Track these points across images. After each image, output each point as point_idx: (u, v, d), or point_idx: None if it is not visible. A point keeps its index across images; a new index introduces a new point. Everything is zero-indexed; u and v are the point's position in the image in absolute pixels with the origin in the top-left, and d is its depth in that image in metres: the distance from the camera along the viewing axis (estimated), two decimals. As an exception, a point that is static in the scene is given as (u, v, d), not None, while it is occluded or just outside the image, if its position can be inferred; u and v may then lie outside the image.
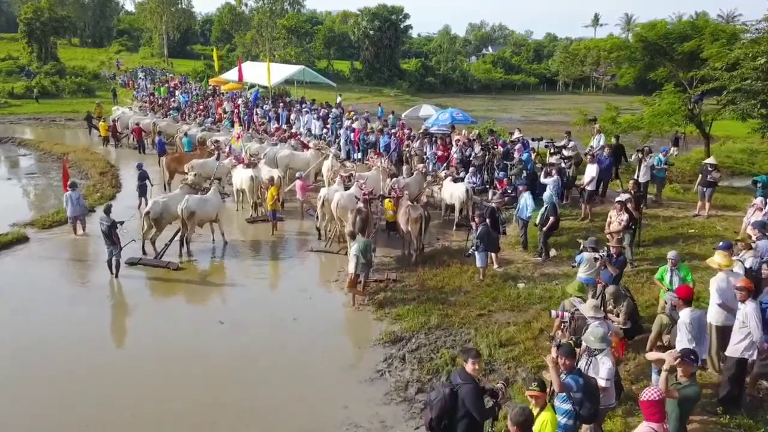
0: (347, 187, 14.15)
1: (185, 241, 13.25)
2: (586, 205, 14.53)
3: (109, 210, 12.17)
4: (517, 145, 16.85)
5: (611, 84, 67.51)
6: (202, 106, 30.67)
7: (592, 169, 14.26)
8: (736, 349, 6.79)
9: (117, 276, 11.94)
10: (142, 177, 16.47)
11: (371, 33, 65.62)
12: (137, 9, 79.08)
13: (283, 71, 34.23)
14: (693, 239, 12.88)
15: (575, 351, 5.81)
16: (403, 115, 26.96)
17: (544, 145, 17.36)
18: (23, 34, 53.72)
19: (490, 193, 15.90)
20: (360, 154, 20.69)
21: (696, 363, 5.45)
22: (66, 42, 73.35)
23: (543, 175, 14.30)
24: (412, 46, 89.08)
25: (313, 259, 13.46)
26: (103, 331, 10.25)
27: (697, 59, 19.22)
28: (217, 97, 34.82)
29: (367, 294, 11.14)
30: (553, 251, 12.66)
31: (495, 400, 5.47)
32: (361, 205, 12.35)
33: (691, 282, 8.17)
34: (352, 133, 21.54)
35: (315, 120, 25.13)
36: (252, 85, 34.92)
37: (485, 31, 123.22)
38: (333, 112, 26.12)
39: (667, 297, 7.09)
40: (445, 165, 17.58)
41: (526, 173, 15.30)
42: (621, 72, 25.23)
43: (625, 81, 24.03)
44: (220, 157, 17.89)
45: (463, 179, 15.70)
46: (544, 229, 12.16)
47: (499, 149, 17.21)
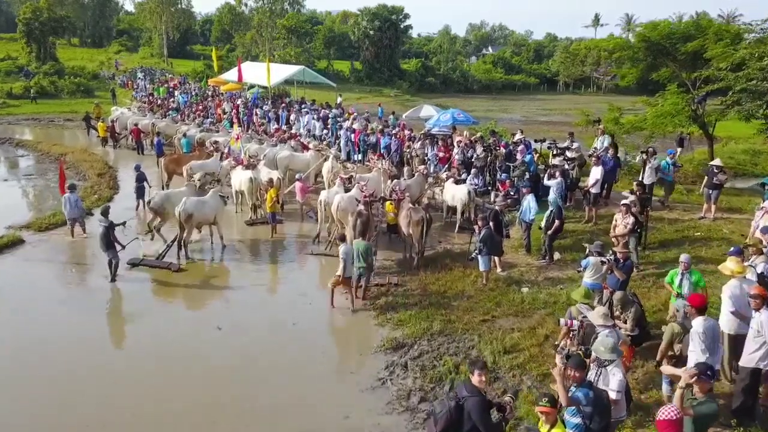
0: (347, 189, 13.95)
1: (183, 244, 13.05)
2: (591, 208, 14.33)
3: (106, 212, 12.01)
4: (519, 147, 16.63)
5: (612, 84, 67.37)
6: (201, 107, 30.48)
7: (596, 172, 14.04)
8: (750, 359, 6.58)
9: (114, 280, 11.78)
10: (140, 178, 16.33)
11: (371, 33, 65.47)
12: (137, 9, 78.94)
13: (282, 71, 34.05)
14: (699, 242, 12.67)
15: (585, 362, 5.60)
16: (403, 115, 26.70)
17: (547, 146, 17.11)
18: (22, 34, 53.61)
19: (492, 194, 15.71)
20: (361, 155, 20.48)
21: (713, 379, 5.24)
22: (65, 42, 73.21)
23: (546, 177, 14.11)
24: (412, 46, 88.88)
25: (313, 262, 13.23)
26: (103, 331, 10.25)
27: (700, 59, 18.96)
28: (217, 97, 34.62)
29: (369, 298, 10.96)
30: (557, 254, 12.46)
31: (502, 414, 5.25)
32: (361, 207, 12.16)
33: (702, 287, 7.95)
34: (353, 134, 21.34)
35: (315, 121, 24.93)
36: (251, 86, 34.72)
37: (485, 31, 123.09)
38: (332, 112, 25.87)
39: (678, 304, 6.87)
40: (446, 166, 17.39)
41: (528, 175, 15.09)
42: (623, 72, 24.96)
43: (627, 81, 23.73)
44: (222, 157, 17.70)
45: (464, 181, 15.53)
46: (549, 232, 11.95)
47: (501, 150, 16.99)
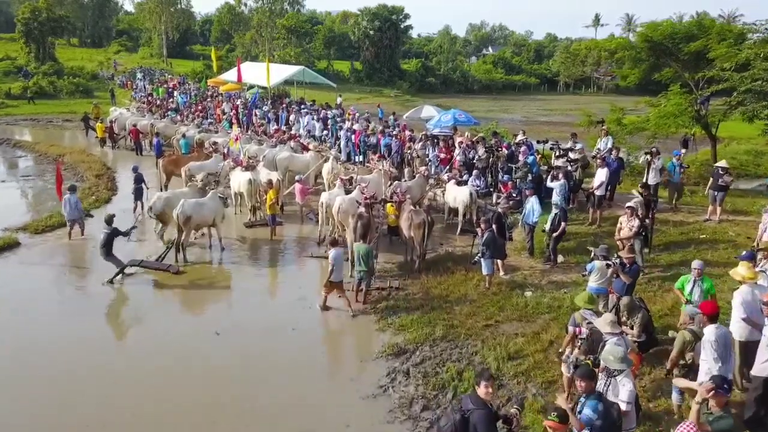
0: (348, 191, 13.77)
1: (181, 246, 12.87)
2: (595, 210, 14.14)
3: (111, 220, 12.00)
4: (522, 148, 16.44)
5: (612, 84, 67.24)
6: (200, 107, 30.29)
7: (601, 174, 13.83)
8: (762, 368, 6.40)
9: (112, 282, 11.62)
10: (138, 180, 16.15)
11: (371, 33, 65.29)
12: (136, 9, 78.84)
13: (282, 72, 33.87)
14: (705, 245, 12.51)
15: (595, 373, 5.42)
16: (404, 116, 26.50)
17: (549, 147, 16.93)
18: (21, 34, 53.34)
19: (495, 196, 15.54)
20: (362, 156, 20.31)
21: (729, 392, 5.05)
22: (65, 42, 73.00)
23: (549, 179, 13.91)
24: (413, 47, 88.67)
25: (313, 265, 13.04)
26: (102, 331, 10.17)
27: (703, 60, 18.81)
28: (216, 98, 34.43)
29: (369, 302, 10.79)
30: (560, 257, 12.30)
31: (509, 427, 5.08)
32: (362, 210, 11.99)
33: (713, 295, 7.77)
34: (353, 135, 21.16)
35: (315, 121, 24.73)
36: (251, 86, 34.54)
37: (485, 31, 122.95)
38: (331, 113, 25.64)
39: (689, 310, 6.68)
40: (447, 167, 17.21)
41: (531, 176, 14.90)
42: (625, 72, 24.76)
43: (630, 81, 23.57)
44: (225, 158, 17.54)
45: (466, 182, 15.35)
46: (555, 235, 11.78)
47: (503, 151, 16.81)
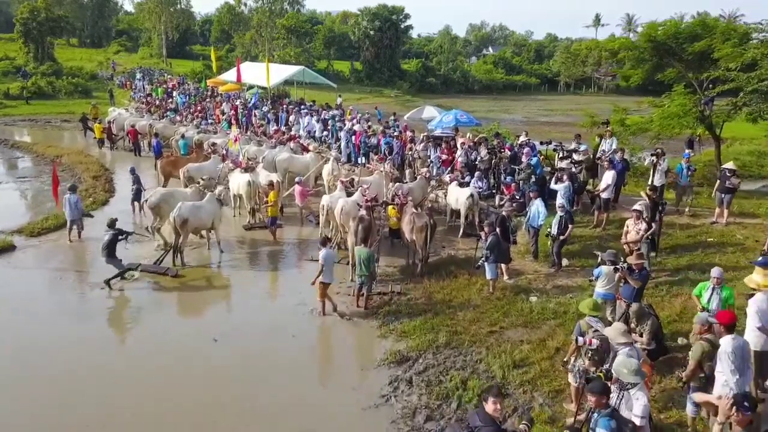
0: (350, 194, 13.55)
1: (179, 250, 12.65)
2: (600, 213, 13.90)
3: (113, 224, 11.92)
4: (525, 149, 16.20)
5: (612, 84, 67.01)
6: (199, 108, 30.05)
7: (608, 176, 13.51)
8: (779, 379, 6.19)
9: (108, 284, 11.39)
10: (135, 181, 15.97)
11: (371, 33, 65.08)
12: (136, 9, 78.48)
13: (282, 72, 33.64)
14: (712, 248, 12.27)
15: (608, 387, 5.18)
16: (405, 116, 26.24)
17: (553, 148, 16.68)
18: (19, 34, 53.06)
19: (497, 198, 15.31)
20: (363, 157, 20.07)
21: (752, 411, 4.80)
22: (64, 42, 72.71)
23: (553, 181, 13.68)
24: (413, 47, 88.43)
25: (314, 268, 12.77)
26: (102, 332, 10.09)
27: (707, 60, 18.57)
28: (216, 98, 34.19)
29: (370, 308, 10.58)
30: (565, 261, 12.07)
31: (518, 444, 4.86)
32: (363, 212, 11.77)
33: (731, 305, 7.54)
34: (353, 136, 20.92)
35: (315, 122, 24.48)
36: (251, 86, 34.31)
37: (485, 31, 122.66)
38: (331, 113, 25.37)
39: (700, 319, 6.46)
40: (449, 169, 16.98)
41: (535, 178, 14.66)
42: (627, 73, 24.51)
43: (633, 82, 23.30)
44: (224, 159, 17.32)
45: (468, 184, 15.12)
46: (561, 238, 11.55)
47: (506, 153, 16.57)
